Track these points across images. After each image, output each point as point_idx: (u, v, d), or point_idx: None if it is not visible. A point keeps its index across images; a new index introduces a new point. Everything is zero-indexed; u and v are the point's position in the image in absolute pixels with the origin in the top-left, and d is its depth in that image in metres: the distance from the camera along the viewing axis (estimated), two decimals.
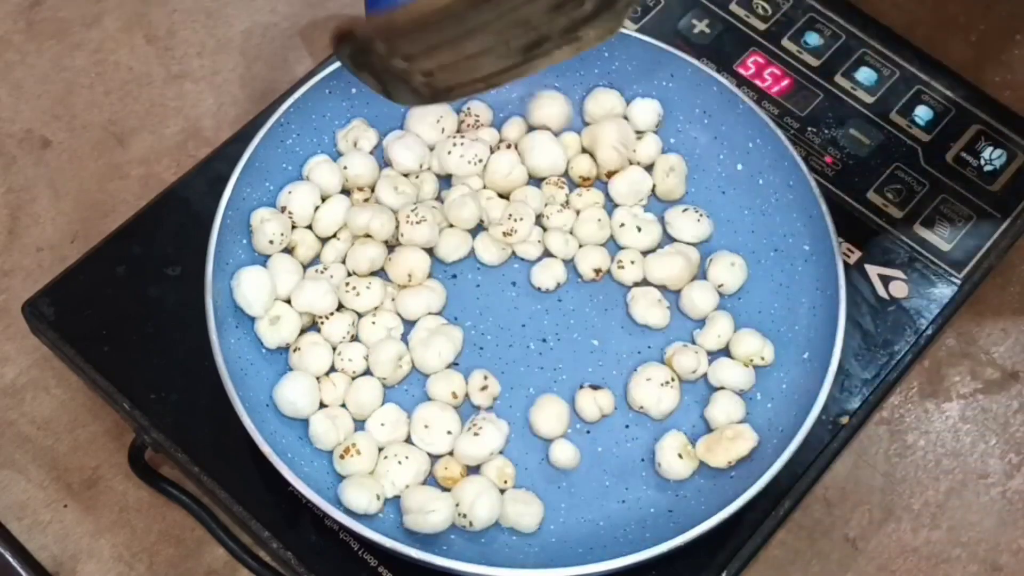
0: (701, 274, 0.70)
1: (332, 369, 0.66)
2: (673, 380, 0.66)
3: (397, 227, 0.68)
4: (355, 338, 0.67)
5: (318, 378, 0.65)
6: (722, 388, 0.66)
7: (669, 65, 0.72)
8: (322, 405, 0.65)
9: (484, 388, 0.66)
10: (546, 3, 0.57)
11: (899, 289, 0.72)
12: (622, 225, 0.70)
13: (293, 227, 0.69)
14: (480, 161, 0.71)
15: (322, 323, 0.67)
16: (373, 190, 0.71)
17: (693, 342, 0.68)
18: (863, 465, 0.71)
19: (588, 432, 0.66)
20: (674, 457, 0.64)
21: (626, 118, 0.73)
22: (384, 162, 0.72)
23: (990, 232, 0.74)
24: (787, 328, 0.67)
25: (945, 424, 0.73)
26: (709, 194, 0.72)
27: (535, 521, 0.62)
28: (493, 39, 0.59)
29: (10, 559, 0.65)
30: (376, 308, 0.68)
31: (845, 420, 0.67)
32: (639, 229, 0.70)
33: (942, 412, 0.73)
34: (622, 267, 0.69)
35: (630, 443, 0.66)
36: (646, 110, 0.73)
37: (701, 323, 0.68)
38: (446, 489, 0.63)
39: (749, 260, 0.70)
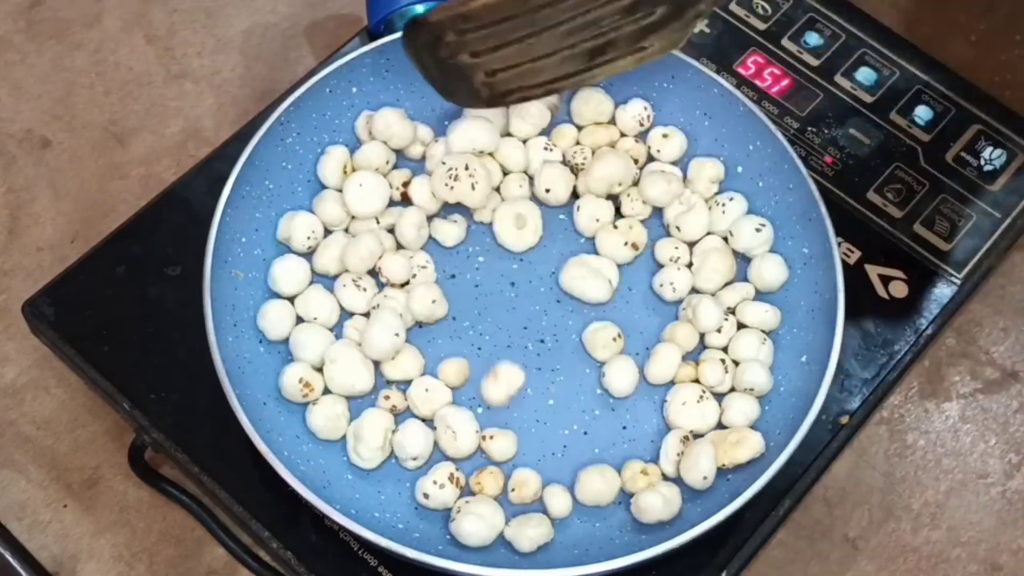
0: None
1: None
2: (705, 393, 0.65)
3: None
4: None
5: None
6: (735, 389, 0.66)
7: (669, 66, 0.72)
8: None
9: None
10: (621, 4, 0.57)
11: (899, 289, 0.72)
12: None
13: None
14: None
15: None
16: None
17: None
18: (863, 465, 0.71)
19: (585, 434, 0.66)
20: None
21: (613, 121, 0.73)
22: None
23: (990, 232, 0.74)
24: (785, 331, 0.67)
25: (945, 424, 0.73)
26: None
27: (546, 538, 0.62)
28: (561, 40, 0.59)
29: (10, 559, 0.65)
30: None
31: (845, 420, 0.67)
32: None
33: (942, 412, 0.73)
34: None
35: (627, 444, 0.65)
36: (634, 111, 0.73)
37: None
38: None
39: None
